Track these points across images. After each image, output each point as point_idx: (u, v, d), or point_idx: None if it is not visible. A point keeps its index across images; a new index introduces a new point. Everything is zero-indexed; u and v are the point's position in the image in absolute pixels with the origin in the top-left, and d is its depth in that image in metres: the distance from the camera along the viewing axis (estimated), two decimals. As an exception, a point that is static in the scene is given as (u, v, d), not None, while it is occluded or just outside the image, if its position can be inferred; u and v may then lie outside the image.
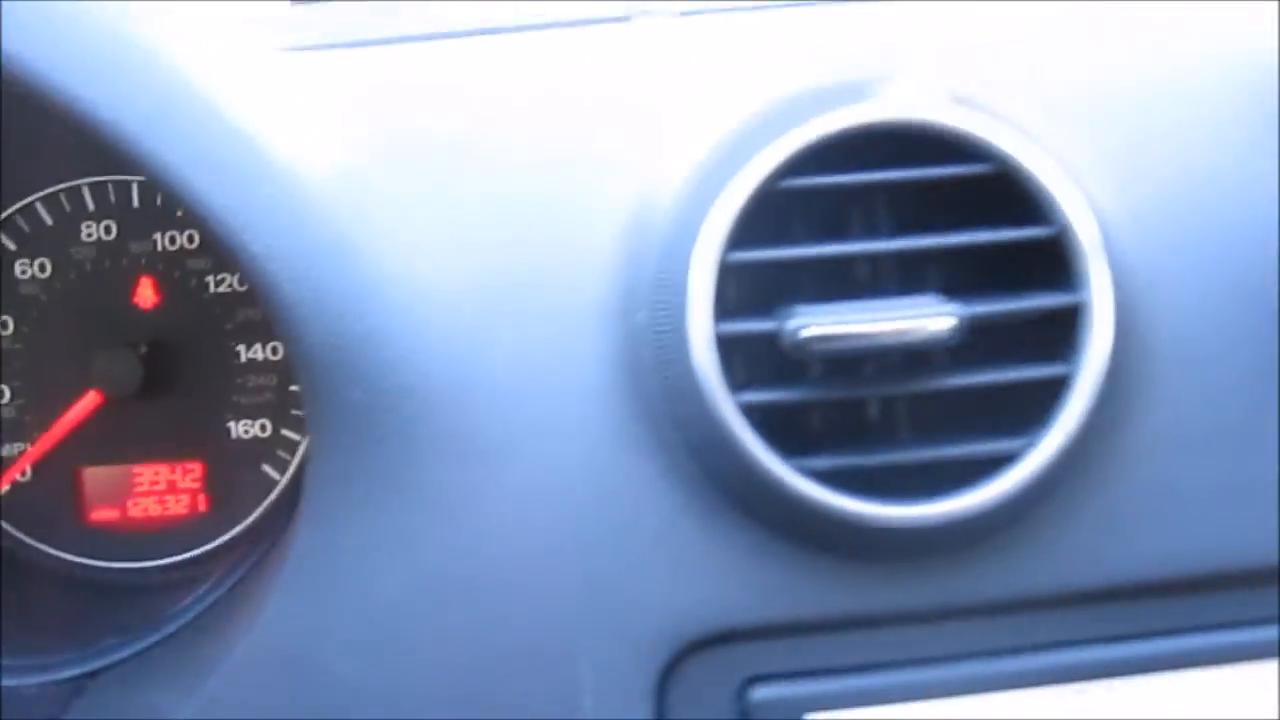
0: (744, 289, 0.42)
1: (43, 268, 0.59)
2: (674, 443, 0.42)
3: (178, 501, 0.60)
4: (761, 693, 0.42)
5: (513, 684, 0.42)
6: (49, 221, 0.58)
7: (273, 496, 0.59)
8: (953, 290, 0.41)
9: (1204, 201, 0.44)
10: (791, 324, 0.39)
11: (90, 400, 0.58)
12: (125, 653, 0.51)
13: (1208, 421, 0.43)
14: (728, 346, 0.40)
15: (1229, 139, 0.45)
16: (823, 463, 0.40)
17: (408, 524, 0.42)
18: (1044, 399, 0.40)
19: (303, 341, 0.41)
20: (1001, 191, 0.41)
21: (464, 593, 0.42)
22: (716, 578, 0.42)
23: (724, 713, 0.42)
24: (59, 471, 0.59)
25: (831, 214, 0.42)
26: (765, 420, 0.40)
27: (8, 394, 0.59)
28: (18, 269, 0.58)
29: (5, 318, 0.59)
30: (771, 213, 0.41)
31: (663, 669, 0.42)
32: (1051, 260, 0.41)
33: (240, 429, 0.59)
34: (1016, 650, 0.43)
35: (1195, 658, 0.43)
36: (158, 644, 0.51)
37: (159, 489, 0.60)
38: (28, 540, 0.60)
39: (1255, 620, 0.44)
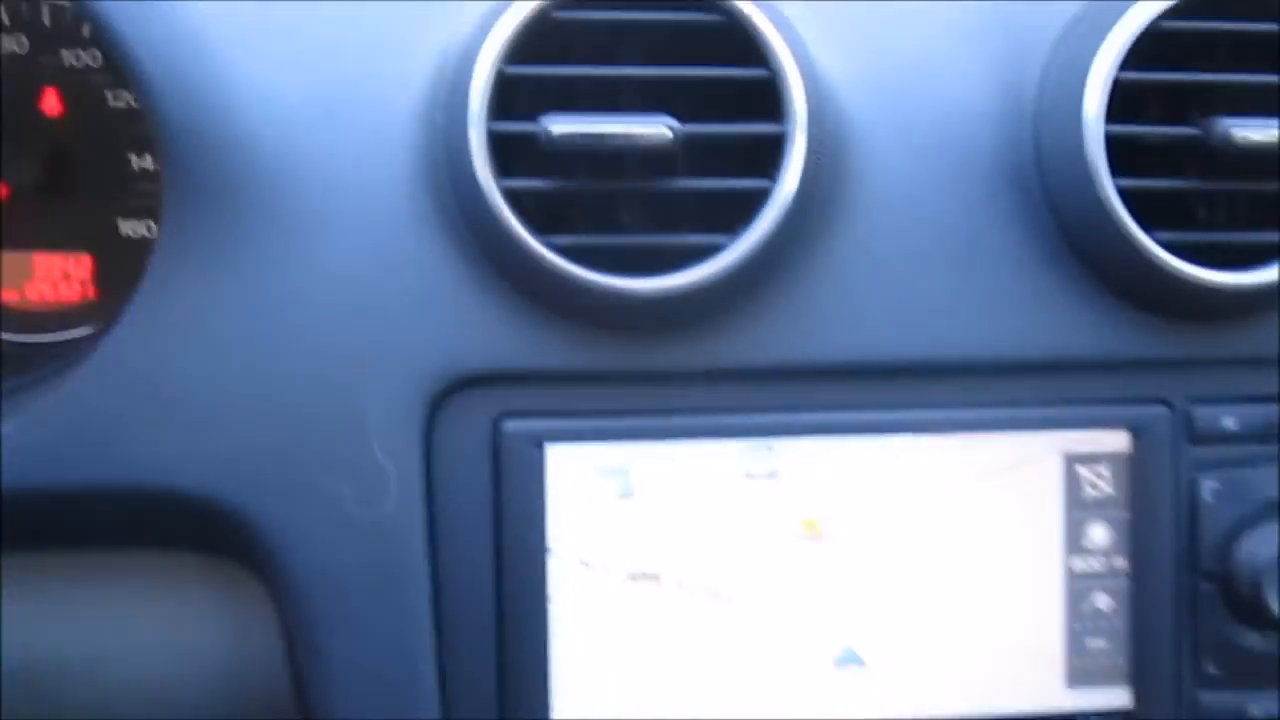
0: (526, 103, 0.52)
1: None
2: (459, 223, 0.52)
3: (69, 289, 0.69)
4: (510, 425, 0.53)
5: (314, 408, 0.52)
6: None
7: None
8: (687, 117, 0.51)
9: (922, 72, 0.56)
10: (546, 123, 0.50)
11: (-2, 190, 0.67)
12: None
13: (897, 246, 0.54)
14: (501, 144, 0.51)
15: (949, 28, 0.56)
16: (567, 240, 0.51)
17: (241, 276, 0.52)
18: (752, 207, 0.51)
19: (173, 139, 0.51)
20: (736, 39, 0.52)
21: (281, 335, 0.52)
22: (481, 332, 0.53)
23: (480, 441, 0.53)
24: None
25: (600, 46, 0.52)
26: (528, 206, 0.51)
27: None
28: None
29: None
30: (555, 41, 0.51)
31: (431, 400, 0.53)
32: (771, 99, 0.52)
33: (128, 228, 0.68)
34: (722, 410, 0.54)
35: (859, 427, 0.55)
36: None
37: (54, 277, 0.70)
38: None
39: (924, 403, 0.55)
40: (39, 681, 0.57)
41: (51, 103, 0.67)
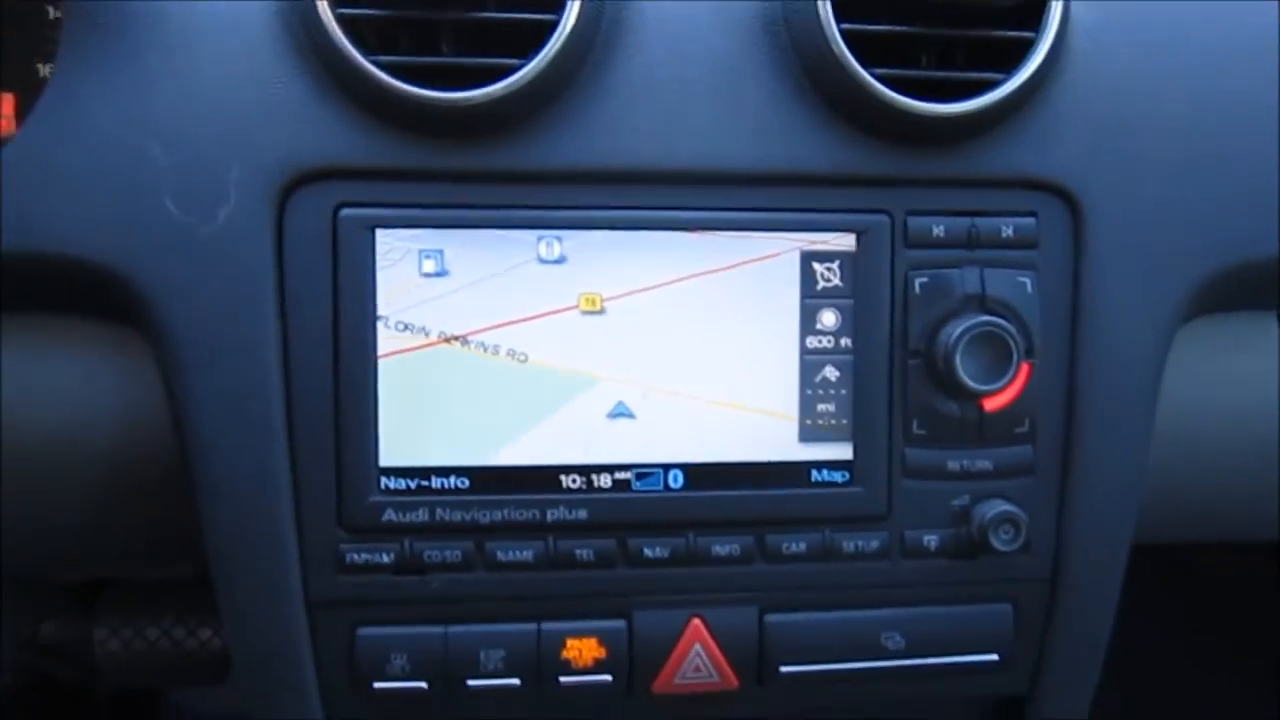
0: None
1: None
2: (305, 46, 0.64)
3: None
4: (347, 213, 0.65)
5: (186, 192, 0.63)
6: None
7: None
8: None
9: None
10: None
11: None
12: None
13: (669, 75, 0.66)
14: None
15: None
16: (390, 59, 0.62)
17: (126, 86, 0.63)
18: (543, 36, 0.63)
19: None
20: None
21: (157, 133, 0.63)
22: (323, 134, 0.64)
23: (322, 227, 0.65)
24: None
25: None
26: (365, 33, 0.62)
27: None
28: None
29: None
30: None
31: (281, 191, 0.64)
32: None
33: (45, 70, 0.79)
34: (521, 205, 0.65)
35: (634, 223, 0.67)
36: None
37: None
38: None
39: (688, 206, 0.67)
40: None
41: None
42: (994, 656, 0.72)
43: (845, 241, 0.68)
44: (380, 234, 0.65)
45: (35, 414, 0.69)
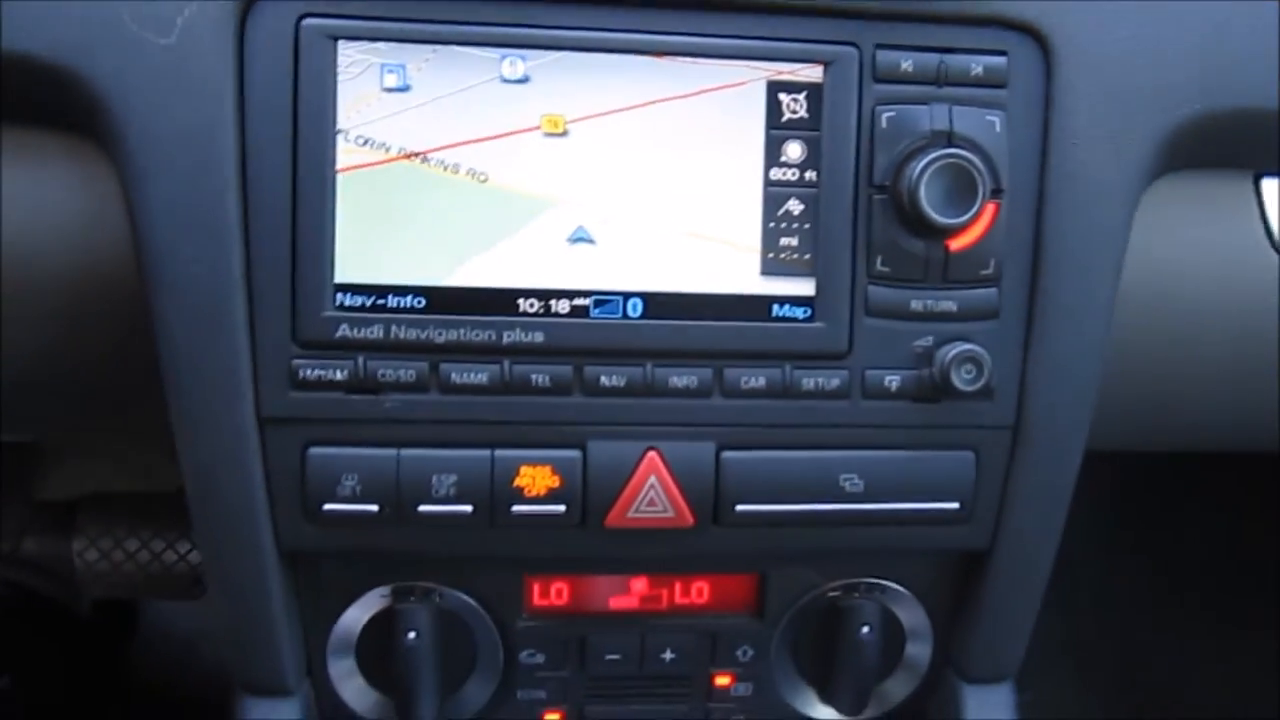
0: None
1: None
2: None
3: None
4: (309, 23, 0.64)
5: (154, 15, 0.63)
6: None
7: None
8: None
9: None
10: None
11: None
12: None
13: None
14: None
15: None
16: None
17: None
18: None
19: None
20: None
21: None
22: (287, -58, 0.64)
23: (284, 37, 0.63)
24: None
25: None
26: None
27: None
28: None
29: None
30: None
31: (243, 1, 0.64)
32: None
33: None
34: (484, 23, 0.64)
35: (598, 45, 0.66)
36: None
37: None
38: None
39: (653, 30, 0.65)
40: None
41: None
42: (955, 505, 0.71)
43: (812, 73, 0.67)
44: (342, 45, 0.64)
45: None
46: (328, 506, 0.67)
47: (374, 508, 0.67)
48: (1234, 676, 1.22)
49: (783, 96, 0.67)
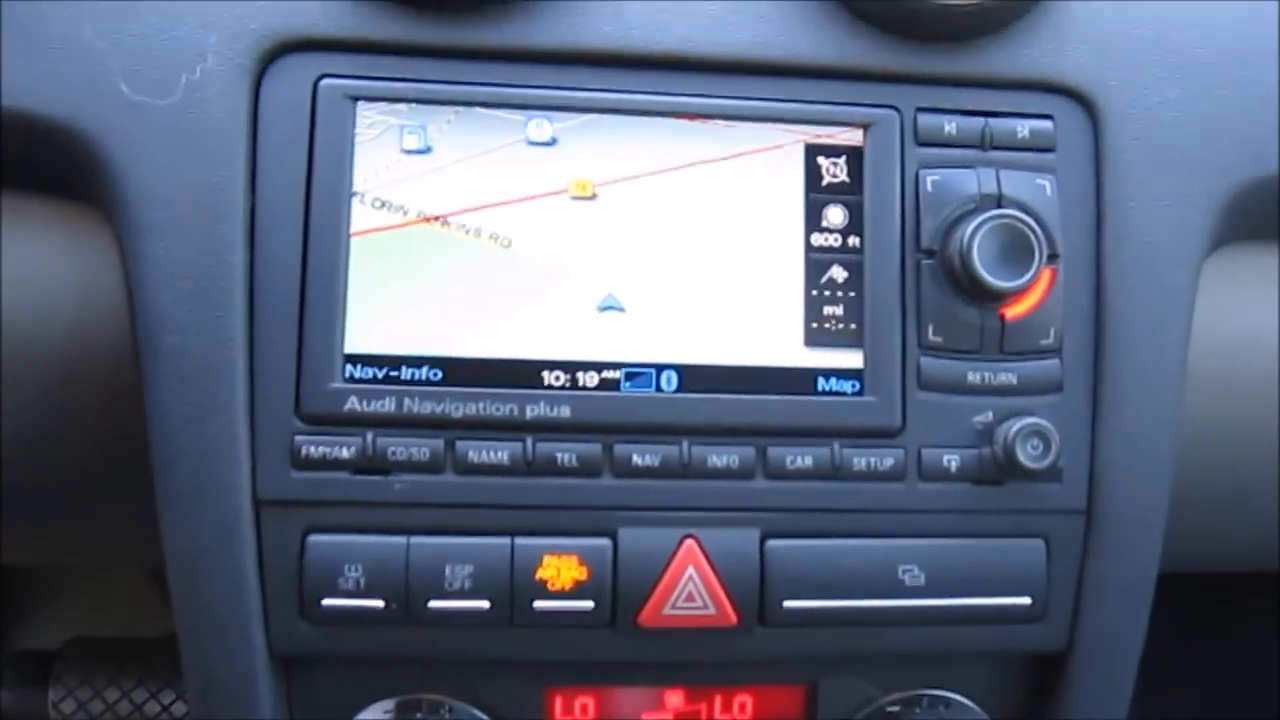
0: None
1: None
2: None
3: None
4: (327, 83, 0.61)
5: (160, 54, 0.60)
6: None
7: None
8: None
9: None
10: None
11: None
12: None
13: None
14: None
15: None
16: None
17: None
18: None
19: None
20: None
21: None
22: (308, 3, 0.62)
23: (301, 97, 0.61)
24: None
25: None
26: None
27: None
28: None
29: None
30: None
31: (261, 59, 0.61)
32: None
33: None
34: (510, 84, 0.62)
35: (629, 107, 0.63)
36: None
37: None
38: None
39: (689, 92, 0.63)
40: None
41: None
42: (1026, 600, 0.63)
43: (852, 136, 0.64)
44: (361, 106, 0.62)
45: None
46: (327, 601, 0.60)
47: (379, 603, 0.60)
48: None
49: (821, 160, 0.64)
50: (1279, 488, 0.72)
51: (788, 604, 0.62)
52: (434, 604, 0.60)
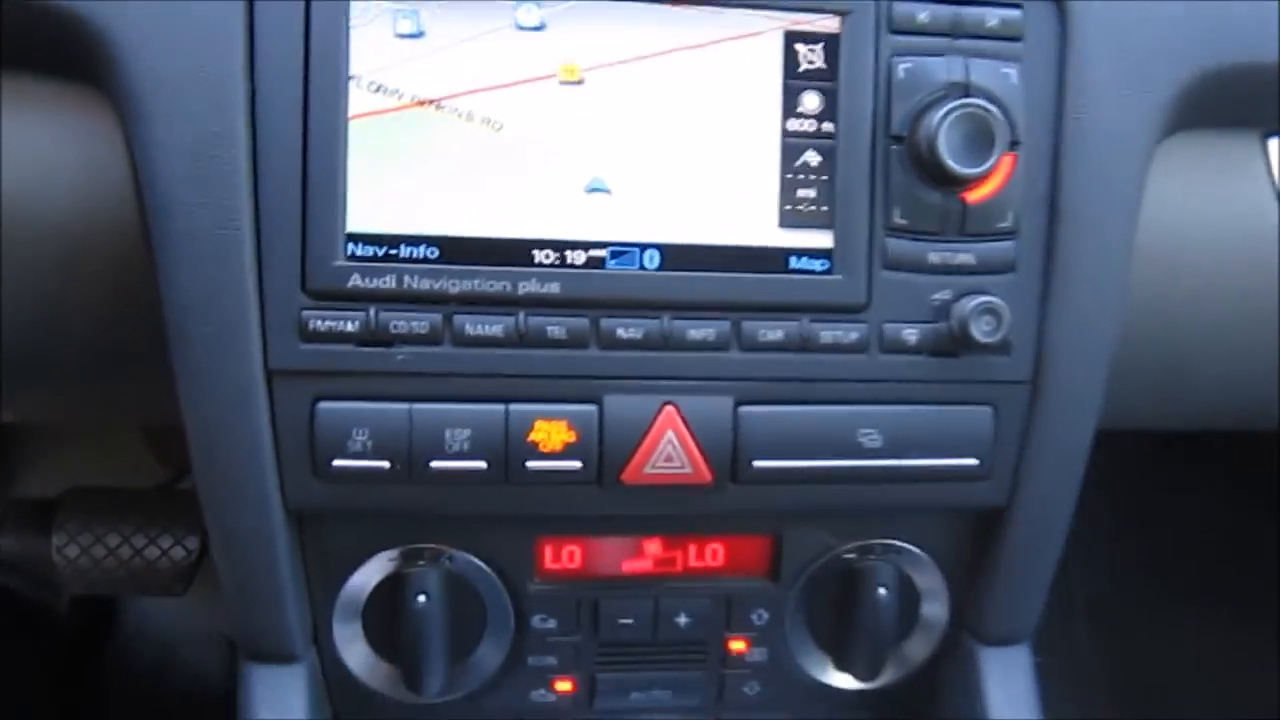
0: None
1: None
2: None
3: None
4: None
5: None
6: None
7: None
8: None
9: None
10: None
11: None
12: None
13: None
14: None
15: None
16: None
17: None
18: None
19: None
20: None
21: None
22: (300, -117, 0.63)
23: None
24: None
25: None
26: None
27: None
28: None
29: None
30: None
31: None
32: None
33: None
34: None
35: None
36: None
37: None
38: None
39: None
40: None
41: None
42: (973, 461, 0.70)
43: (829, 24, 0.67)
44: (356, -9, 0.64)
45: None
46: (337, 462, 0.66)
47: (385, 464, 0.66)
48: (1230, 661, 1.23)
49: (799, 47, 0.67)
50: (1212, 351, 0.78)
51: (757, 463, 0.68)
52: (435, 464, 0.66)
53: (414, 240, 0.65)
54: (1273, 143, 0.76)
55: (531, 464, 0.67)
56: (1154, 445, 1.16)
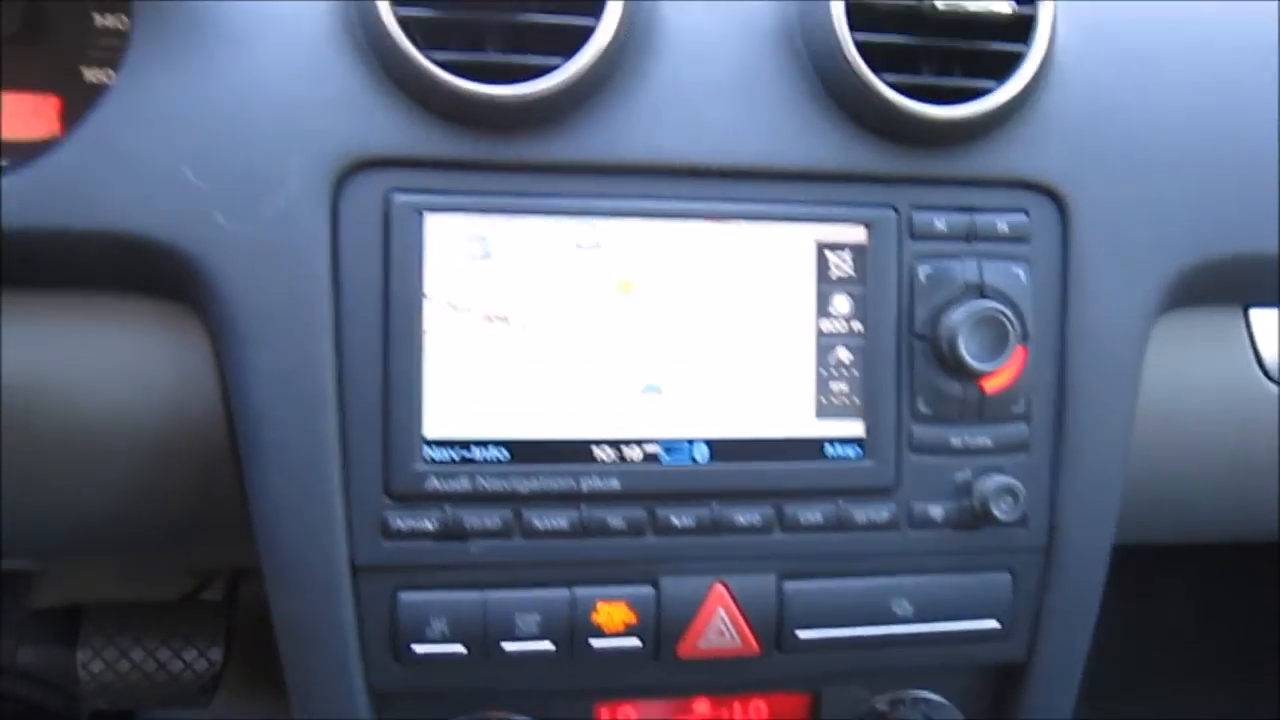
0: None
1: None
2: (361, 42, 0.69)
3: (40, 125, 0.83)
4: (398, 198, 0.69)
5: (249, 178, 0.68)
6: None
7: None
8: None
9: None
10: None
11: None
12: None
13: (696, 79, 0.72)
14: None
15: None
16: (444, 56, 0.67)
17: (194, 76, 0.68)
18: (582, 39, 0.68)
19: None
20: None
21: (223, 121, 0.68)
22: (377, 125, 0.69)
23: (374, 210, 0.69)
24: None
25: None
26: (420, 30, 0.68)
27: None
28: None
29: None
30: None
31: (337, 177, 0.68)
32: None
33: (91, 75, 0.82)
34: (559, 194, 0.70)
35: (663, 212, 0.72)
36: None
37: (25, 114, 0.83)
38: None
39: (714, 198, 0.72)
40: (21, 400, 0.71)
41: (29, -31, 0.81)
42: (994, 623, 0.77)
43: (856, 233, 0.74)
44: (429, 218, 0.70)
45: (86, 391, 0.72)
46: (417, 648, 0.71)
47: (461, 648, 0.71)
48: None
49: (830, 255, 0.74)
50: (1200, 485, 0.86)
51: (800, 634, 0.75)
52: (507, 646, 0.72)
53: (485, 443, 0.71)
54: (1254, 314, 0.84)
55: (595, 643, 0.72)
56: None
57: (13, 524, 0.79)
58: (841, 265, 0.74)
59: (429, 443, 0.70)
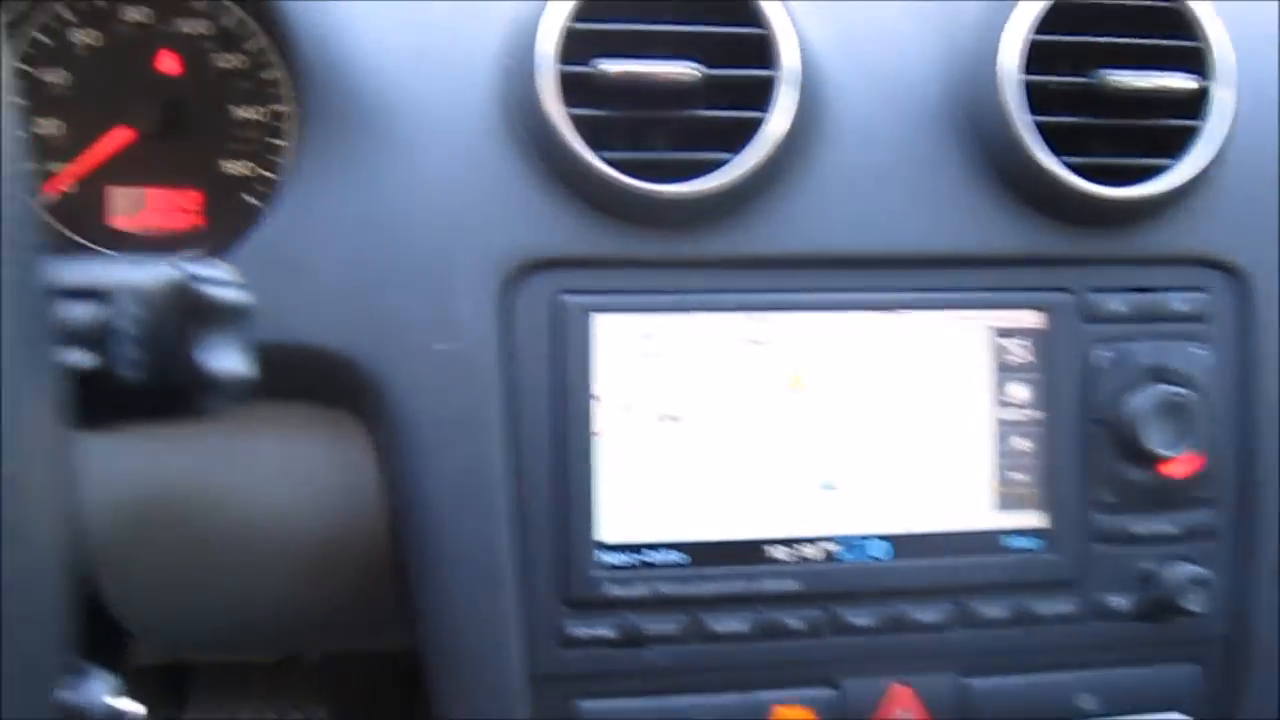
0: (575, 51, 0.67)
1: (91, 35, 0.81)
2: (528, 143, 0.68)
3: (181, 218, 0.83)
4: (568, 299, 0.68)
5: (418, 286, 0.67)
6: (101, 2, 0.80)
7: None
8: (705, 64, 0.67)
9: (882, 36, 0.73)
10: (602, 65, 0.65)
11: (120, 134, 0.80)
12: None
13: (864, 165, 0.71)
14: (570, 82, 0.66)
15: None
16: (614, 155, 0.66)
17: (358, 183, 0.67)
18: (751, 133, 0.67)
19: (309, 88, 0.67)
20: (741, 8, 0.68)
21: (390, 229, 0.67)
22: (546, 226, 0.68)
23: (544, 312, 0.68)
24: (92, 186, 0.81)
25: (638, 12, 0.68)
26: (584, 127, 0.66)
27: (59, 126, 0.81)
28: (74, 35, 0.80)
29: (62, 70, 0.81)
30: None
31: (506, 280, 0.67)
32: (768, 53, 0.68)
33: (231, 168, 0.82)
34: (729, 290, 0.69)
35: (834, 304, 0.70)
36: None
37: (166, 208, 0.83)
38: (66, 232, 0.81)
39: (885, 287, 0.71)
40: (181, 507, 0.70)
41: (169, 63, 0.81)
42: (1183, 717, 0.74)
43: (1033, 318, 0.72)
44: (598, 318, 0.68)
45: (252, 496, 0.71)
46: None
47: None
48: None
49: (1006, 342, 0.71)
50: None
51: (985, 733, 0.72)
52: None
53: (661, 546, 0.69)
54: None
55: (776, 747, 0.71)
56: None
57: (171, 623, 0.78)
58: (1019, 352, 0.72)
59: (605, 547, 0.69)
